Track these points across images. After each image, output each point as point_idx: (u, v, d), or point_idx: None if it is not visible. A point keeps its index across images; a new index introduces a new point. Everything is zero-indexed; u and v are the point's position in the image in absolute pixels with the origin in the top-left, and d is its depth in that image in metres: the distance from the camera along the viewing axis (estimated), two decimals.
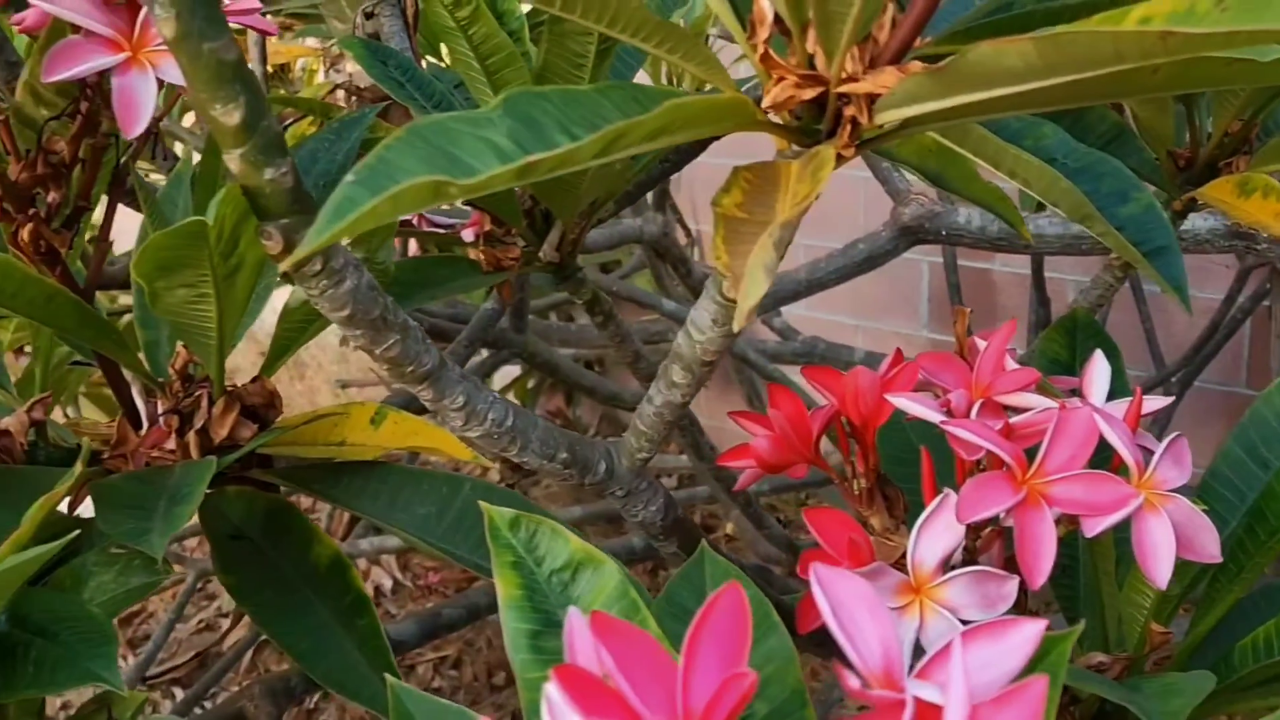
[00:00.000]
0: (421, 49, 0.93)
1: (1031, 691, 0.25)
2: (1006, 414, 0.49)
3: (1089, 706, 0.52)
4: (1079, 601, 0.56)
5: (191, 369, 0.52)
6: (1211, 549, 0.45)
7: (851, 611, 0.28)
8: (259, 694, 0.66)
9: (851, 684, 0.26)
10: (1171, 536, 0.43)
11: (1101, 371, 0.50)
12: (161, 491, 0.46)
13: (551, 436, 0.47)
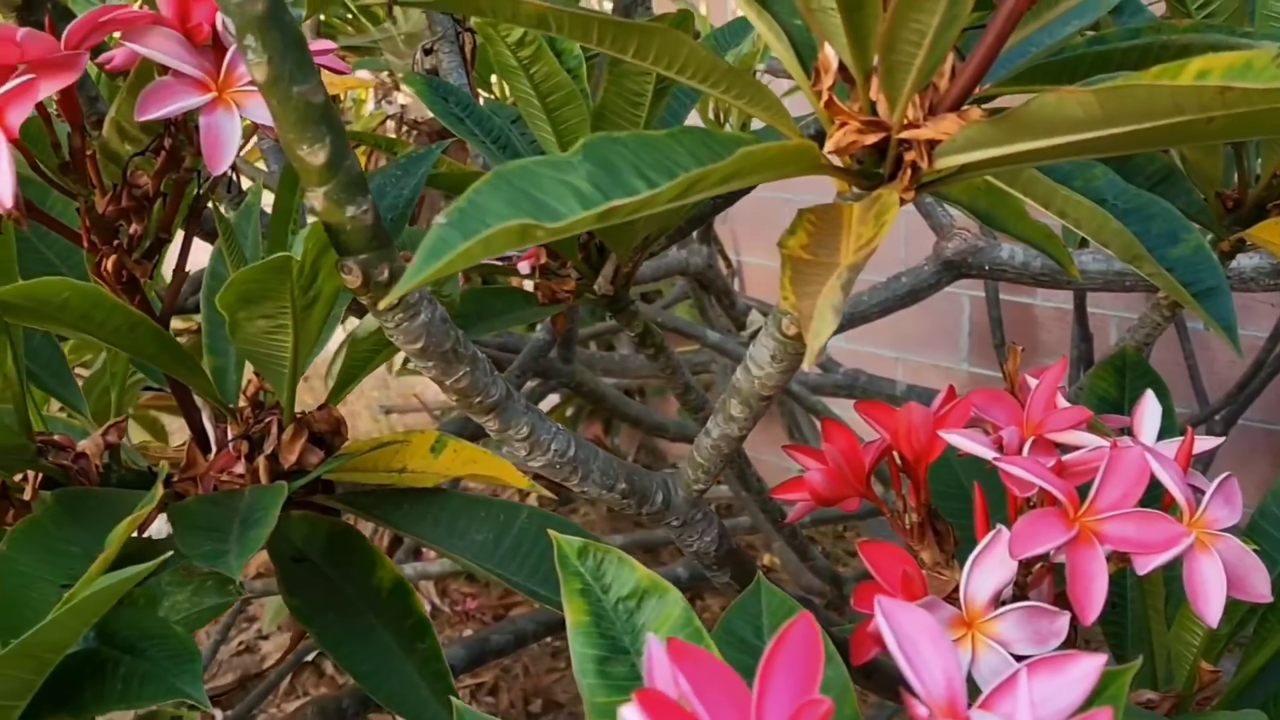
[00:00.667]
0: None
1: None
2: (1058, 451, 0.49)
3: None
4: (1127, 638, 0.56)
5: (261, 396, 0.54)
6: (1262, 589, 0.45)
7: (915, 642, 0.29)
8: (312, 714, 0.67)
9: (920, 713, 0.27)
10: (1223, 576, 0.44)
11: (1153, 411, 0.50)
12: (234, 515, 0.47)
13: (611, 467, 0.49)
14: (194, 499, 0.50)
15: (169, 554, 0.37)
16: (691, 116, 0.77)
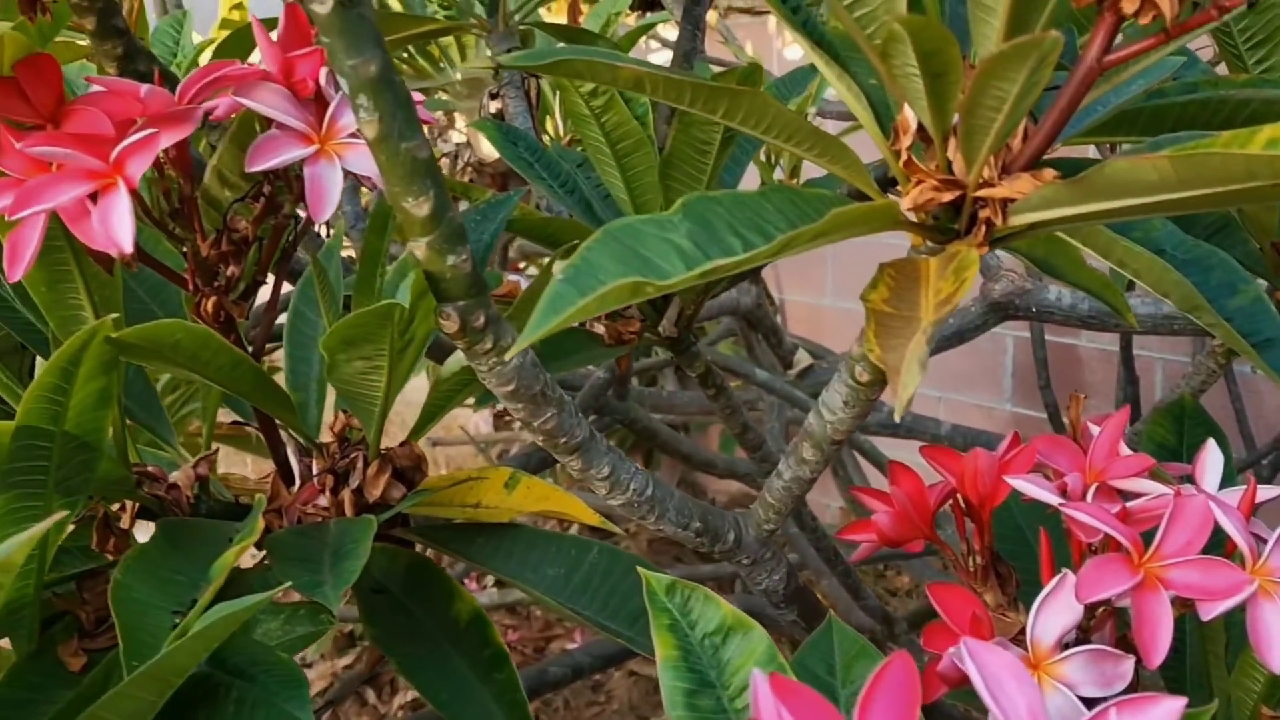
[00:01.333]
0: None
1: None
2: (1120, 498, 0.51)
3: None
4: (1186, 683, 0.57)
5: (348, 432, 0.56)
6: None
7: (1001, 682, 0.31)
8: None
9: None
10: None
11: (1215, 460, 0.52)
12: (323, 547, 0.49)
13: (686, 506, 0.50)
14: (285, 531, 0.52)
15: (286, 584, 0.39)
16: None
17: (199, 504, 0.56)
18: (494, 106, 0.92)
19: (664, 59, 2.37)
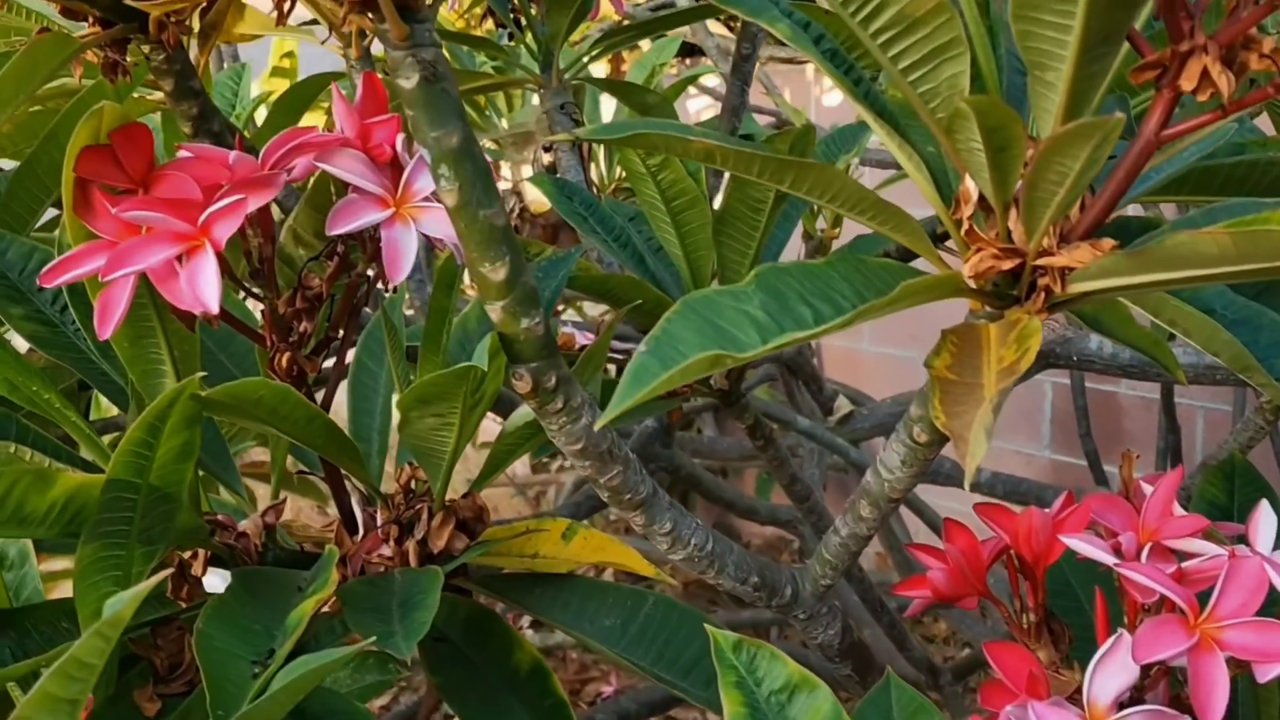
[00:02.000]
0: None
1: None
2: (1175, 558, 0.51)
3: None
4: None
5: (413, 484, 0.57)
6: None
7: None
8: None
9: None
10: None
11: (1269, 520, 0.52)
12: (390, 597, 0.50)
13: (744, 561, 0.51)
14: (356, 581, 0.54)
15: (371, 640, 0.41)
16: None
17: (266, 552, 0.57)
18: (547, 159, 0.94)
19: (703, 104, 2.40)
